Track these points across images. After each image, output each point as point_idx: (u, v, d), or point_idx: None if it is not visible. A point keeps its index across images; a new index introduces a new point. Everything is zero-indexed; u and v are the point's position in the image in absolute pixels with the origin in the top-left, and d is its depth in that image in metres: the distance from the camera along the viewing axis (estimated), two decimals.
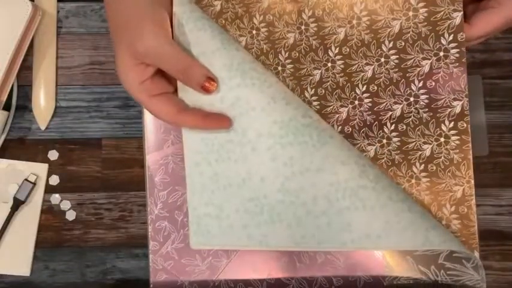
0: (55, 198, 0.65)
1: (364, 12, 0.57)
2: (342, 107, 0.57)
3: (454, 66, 0.56)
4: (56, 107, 0.66)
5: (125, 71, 0.48)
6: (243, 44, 0.58)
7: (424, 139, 0.57)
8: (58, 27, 0.67)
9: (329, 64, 0.58)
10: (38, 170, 0.66)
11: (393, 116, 0.57)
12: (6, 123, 0.65)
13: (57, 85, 0.66)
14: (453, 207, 0.56)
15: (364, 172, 0.51)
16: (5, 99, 0.64)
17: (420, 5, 0.56)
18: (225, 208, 0.53)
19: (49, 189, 0.66)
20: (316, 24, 0.58)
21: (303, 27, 0.58)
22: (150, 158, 0.60)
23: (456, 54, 0.56)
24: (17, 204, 0.64)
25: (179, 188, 0.60)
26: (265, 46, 0.58)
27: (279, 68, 0.58)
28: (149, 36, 0.47)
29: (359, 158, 0.52)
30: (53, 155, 0.66)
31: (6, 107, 0.65)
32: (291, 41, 0.58)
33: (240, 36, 0.58)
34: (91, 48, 0.67)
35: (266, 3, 0.58)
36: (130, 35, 0.47)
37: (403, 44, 0.57)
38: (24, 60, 0.65)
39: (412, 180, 0.56)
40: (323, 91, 0.57)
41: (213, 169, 0.54)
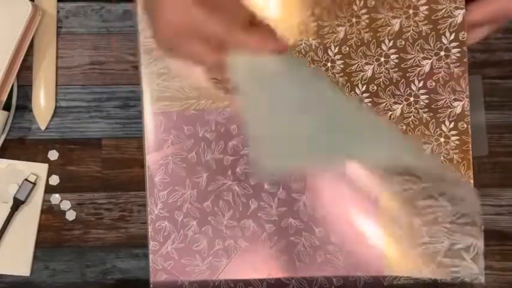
0: (55, 198, 0.65)
1: (363, 10, 0.57)
2: None
3: (455, 66, 0.56)
4: (56, 107, 0.66)
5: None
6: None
7: (424, 139, 0.57)
8: (58, 27, 0.67)
9: (328, 64, 0.58)
10: (38, 170, 0.66)
11: (393, 116, 0.57)
12: (6, 123, 0.65)
13: (57, 85, 0.66)
14: None
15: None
16: (5, 99, 0.64)
17: (421, 2, 0.56)
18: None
19: (49, 189, 0.66)
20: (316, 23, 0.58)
21: None
22: (150, 158, 0.60)
23: (457, 54, 0.56)
24: (17, 204, 0.64)
25: (179, 188, 0.60)
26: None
27: None
28: None
29: None
30: (53, 155, 0.66)
31: (6, 107, 0.65)
32: None
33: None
34: (91, 48, 0.67)
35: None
36: None
37: (403, 43, 0.57)
38: (24, 60, 0.65)
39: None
40: None
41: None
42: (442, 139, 0.57)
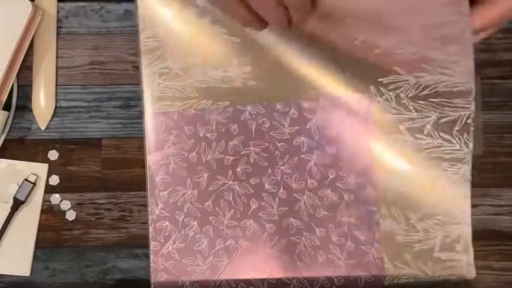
0: (55, 198, 0.65)
1: None
2: None
3: None
4: (56, 107, 0.66)
5: None
6: None
7: None
8: (58, 27, 0.67)
9: None
10: (38, 170, 0.66)
11: None
12: (6, 123, 0.65)
13: (57, 85, 0.66)
14: None
15: None
16: (5, 99, 0.64)
17: None
18: None
19: (49, 189, 0.66)
20: None
21: None
22: (151, 158, 0.60)
23: None
24: (17, 204, 0.64)
25: (180, 188, 0.60)
26: None
27: None
28: None
29: None
30: (53, 155, 0.66)
31: (6, 107, 0.65)
32: None
33: None
34: (91, 48, 0.67)
35: None
36: None
37: None
38: (24, 60, 0.65)
39: None
40: None
41: None
42: None
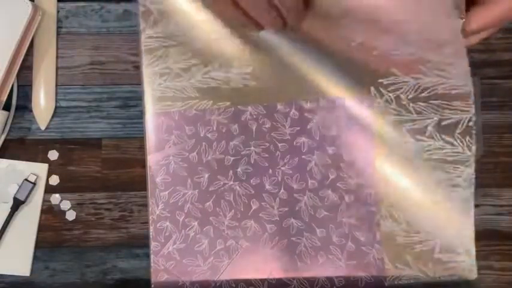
0: (55, 198, 0.65)
1: None
2: None
3: None
4: (56, 107, 0.66)
5: None
6: None
7: None
8: (58, 27, 0.67)
9: None
10: (38, 170, 0.66)
11: None
12: (6, 123, 0.65)
13: (57, 85, 0.66)
14: None
15: None
16: (5, 99, 0.64)
17: None
18: None
19: (49, 189, 0.66)
20: None
21: None
22: (151, 158, 0.60)
23: None
24: (17, 204, 0.64)
25: (180, 188, 0.60)
26: None
27: None
28: None
29: None
30: (53, 155, 0.66)
31: (6, 107, 0.65)
32: None
33: None
34: (91, 48, 0.67)
35: None
36: None
37: None
38: (24, 60, 0.65)
39: None
40: None
41: None
42: None
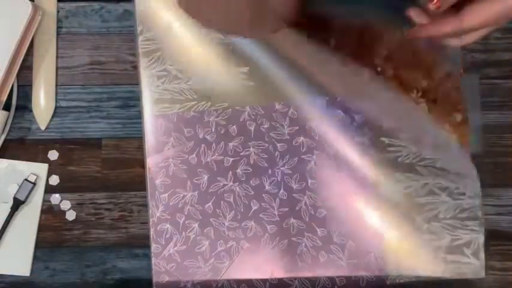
0: (55, 198, 0.65)
1: None
2: None
3: None
4: (56, 107, 0.66)
5: None
6: None
7: None
8: (58, 27, 0.67)
9: None
10: (38, 170, 0.66)
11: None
12: (6, 123, 0.65)
13: (57, 85, 0.66)
14: None
15: None
16: (5, 99, 0.64)
17: None
18: None
19: (49, 189, 0.66)
20: None
21: None
22: (151, 160, 0.60)
23: None
24: (17, 204, 0.64)
25: (180, 190, 0.60)
26: None
27: None
28: None
29: None
30: (53, 155, 0.66)
31: (6, 107, 0.65)
32: None
33: None
34: (91, 48, 0.67)
35: None
36: None
37: None
38: (24, 60, 0.65)
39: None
40: None
41: None
42: None
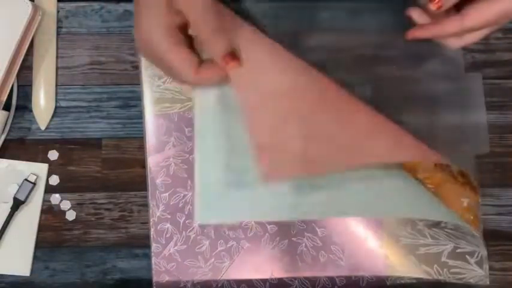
0: (55, 198, 0.65)
1: None
2: None
3: None
4: (56, 107, 0.66)
5: (156, 12, 0.49)
6: None
7: None
8: (58, 27, 0.67)
9: None
10: (38, 170, 0.66)
11: None
12: (6, 123, 0.65)
13: (57, 85, 0.66)
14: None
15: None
16: (5, 99, 0.64)
17: None
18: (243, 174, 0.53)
19: (49, 189, 0.66)
20: None
21: None
22: (152, 160, 0.60)
23: None
24: (17, 204, 0.64)
25: (181, 189, 0.60)
26: None
27: None
28: None
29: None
30: (53, 155, 0.66)
31: (6, 107, 0.65)
32: None
33: None
34: (91, 48, 0.67)
35: None
36: None
37: None
38: (24, 60, 0.65)
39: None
40: None
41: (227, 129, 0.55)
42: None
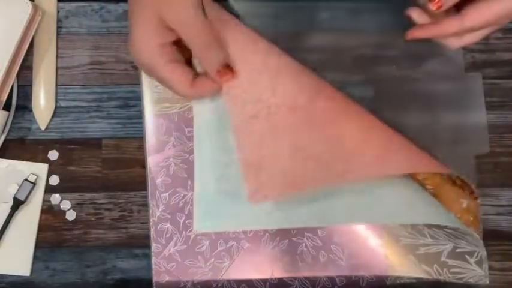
0: (55, 198, 0.65)
1: None
2: None
3: None
4: (56, 107, 0.66)
5: (148, 30, 0.49)
6: None
7: None
8: (58, 27, 0.67)
9: None
10: (38, 170, 0.66)
11: None
12: (6, 123, 0.65)
13: (57, 85, 0.66)
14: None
15: None
16: (5, 99, 0.64)
17: None
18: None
19: (49, 189, 0.66)
20: None
21: None
22: (152, 160, 0.60)
23: None
24: (17, 204, 0.64)
25: (181, 189, 0.60)
26: None
27: None
28: (178, 2, 0.47)
29: None
30: (53, 155, 0.66)
31: (6, 107, 0.65)
32: None
33: None
34: (91, 48, 0.67)
35: None
36: None
37: None
38: (24, 60, 0.65)
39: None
40: None
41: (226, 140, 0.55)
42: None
